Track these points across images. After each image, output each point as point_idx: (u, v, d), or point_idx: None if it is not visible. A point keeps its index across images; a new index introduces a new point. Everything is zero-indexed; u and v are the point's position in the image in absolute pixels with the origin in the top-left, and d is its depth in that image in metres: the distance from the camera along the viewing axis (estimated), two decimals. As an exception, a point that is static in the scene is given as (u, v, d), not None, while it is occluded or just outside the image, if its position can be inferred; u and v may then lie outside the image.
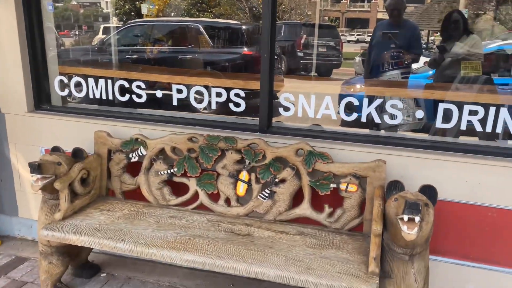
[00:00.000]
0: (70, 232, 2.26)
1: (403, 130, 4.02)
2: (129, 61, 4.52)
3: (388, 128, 3.24)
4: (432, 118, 3.68)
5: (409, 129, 4.14)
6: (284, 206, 2.41)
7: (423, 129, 4.05)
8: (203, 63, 5.13)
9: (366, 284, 1.84)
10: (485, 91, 3.02)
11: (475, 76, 3.72)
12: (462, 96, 2.53)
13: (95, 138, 2.70)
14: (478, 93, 2.84)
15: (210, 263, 2.02)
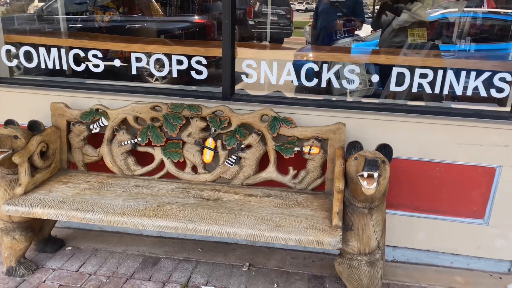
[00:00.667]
0: (34, 206, 2.21)
1: (355, 97, 4.21)
2: (74, 30, 4.29)
3: (340, 95, 3.38)
4: (380, 84, 3.89)
5: (360, 95, 4.34)
6: (251, 170, 2.49)
7: (373, 95, 4.27)
8: (156, 32, 4.98)
9: (331, 237, 1.99)
10: (432, 56, 3.22)
11: (422, 43, 3.94)
12: (414, 61, 2.69)
13: (52, 110, 2.61)
14: (426, 57, 3.02)
15: (183, 227, 2.07)
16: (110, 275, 2.56)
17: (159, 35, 5.02)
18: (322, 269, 2.67)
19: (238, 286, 2.48)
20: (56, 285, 2.46)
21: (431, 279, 2.59)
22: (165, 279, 2.53)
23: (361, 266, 2.12)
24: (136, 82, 2.83)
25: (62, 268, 2.62)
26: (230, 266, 2.67)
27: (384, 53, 3.49)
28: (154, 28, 4.98)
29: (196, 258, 2.75)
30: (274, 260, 2.74)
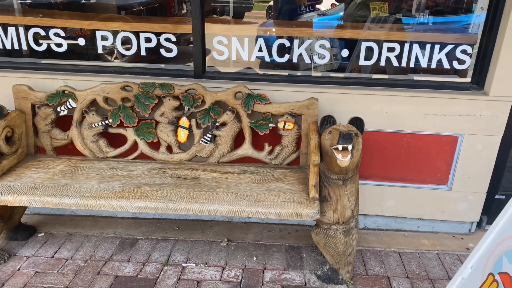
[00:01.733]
0: (4, 193, 2.14)
1: (320, 71, 4.27)
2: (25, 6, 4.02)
3: (304, 70, 3.40)
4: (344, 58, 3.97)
5: (325, 69, 4.41)
6: (226, 148, 2.51)
7: (338, 69, 4.35)
8: (115, 7, 4.76)
9: (309, 208, 2.06)
10: (396, 30, 3.30)
11: (385, 17, 4.03)
12: (381, 35, 2.75)
13: (15, 93, 2.48)
14: (392, 31, 3.10)
15: (163, 207, 2.08)
16: (88, 258, 2.54)
17: (119, 11, 4.80)
18: (298, 240, 2.76)
19: (218, 261, 2.53)
20: (32, 272, 2.41)
21: (400, 243, 2.75)
22: (145, 259, 2.54)
23: (337, 234, 2.22)
24: (103, 62, 2.73)
25: (37, 255, 2.56)
26: (209, 243, 2.71)
27: (351, 28, 3.54)
28: (114, 4, 4.76)
29: (174, 237, 2.77)
30: (251, 234, 2.81)
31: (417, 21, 5.29)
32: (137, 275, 2.41)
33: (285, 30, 3.04)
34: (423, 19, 5.37)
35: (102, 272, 2.43)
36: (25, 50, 2.74)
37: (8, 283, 2.32)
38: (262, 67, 3.73)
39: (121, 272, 2.42)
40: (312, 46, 2.59)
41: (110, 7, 4.72)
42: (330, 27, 5.65)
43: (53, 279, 2.36)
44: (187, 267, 2.48)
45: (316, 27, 5.09)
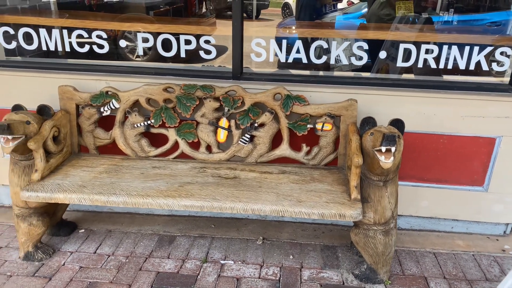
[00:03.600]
0: (55, 191, 2.22)
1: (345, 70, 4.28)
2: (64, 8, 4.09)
3: (324, 69, 3.40)
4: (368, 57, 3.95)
5: (349, 69, 4.41)
6: (265, 148, 2.55)
7: (362, 69, 4.35)
8: (144, 8, 4.85)
9: (352, 209, 2.10)
10: (429, 31, 3.30)
11: (414, 16, 4.02)
12: (418, 37, 2.76)
13: (60, 94, 2.56)
14: (431, 33, 3.10)
15: (208, 205, 2.13)
16: (129, 255, 2.61)
17: (148, 11, 4.89)
18: (333, 239, 2.80)
19: (256, 259, 2.58)
20: (77, 267, 2.49)
21: (434, 243, 2.76)
22: (184, 256, 2.60)
23: (377, 235, 2.25)
24: (144, 63, 2.79)
25: (79, 251, 2.64)
26: (245, 241, 2.76)
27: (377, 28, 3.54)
28: (143, 4, 4.84)
29: (211, 234, 2.83)
30: (286, 233, 2.85)
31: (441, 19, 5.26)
32: (177, 271, 2.47)
33: (321, 32, 3.06)
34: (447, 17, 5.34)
35: (144, 268, 2.50)
36: (60, 51, 2.81)
37: (55, 277, 2.41)
38: (281, 67, 3.76)
39: (162, 269, 2.49)
40: (349, 48, 2.62)
41: (139, 7, 4.81)
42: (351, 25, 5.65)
43: (97, 274, 2.44)
44: (225, 264, 2.54)
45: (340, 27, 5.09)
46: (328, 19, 5.35)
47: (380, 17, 4.31)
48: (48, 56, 2.89)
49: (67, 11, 3.77)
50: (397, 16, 4.00)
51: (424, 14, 5.04)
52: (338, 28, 4.28)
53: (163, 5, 5.40)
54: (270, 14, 11.22)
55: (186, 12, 6.21)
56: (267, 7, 11.75)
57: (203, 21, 6.39)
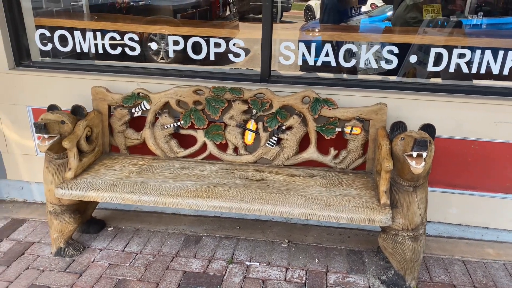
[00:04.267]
0: (88, 189, 2.28)
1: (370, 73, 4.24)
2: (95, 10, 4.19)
3: (349, 73, 3.36)
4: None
5: (375, 72, 4.37)
6: (292, 151, 2.56)
7: (387, 72, 4.30)
8: (172, 11, 4.93)
9: (381, 215, 2.08)
10: (459, 35, 3.24)
11: (443, 19, 3.95)
12: (451, 41, 2.72)
13: (93, 94, 2.63)
14: (464, 37, 3.05)
15: (237, 207, 2.15)
16: (156, 253, 2.66)
17: (175, 14, 4.97)
18: (358, 244, 2.78)
19: (281, 262, 2.59)
20: (106, 264, 2.55)
21: (463, 251, 2.71)
22: (210, 256, 2.63)
23: (406, 241, 2.22)
24: (174, 65, 2.84)
25: (108, 248, 2.70)
26: (270, 243, 2.77)
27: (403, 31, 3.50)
28: (170, 7, 4.93)
29: (236, 235, 2.85)
30: (311, 237, 2.85)
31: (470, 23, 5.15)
32: (204, 271, 2.50)
33: (351, 35, 3.06)
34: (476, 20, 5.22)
35: (171, 267, 2.53)
36: (92, 53, 2.89)
37: (85, 273, 2.47)
38: (304, 70, 3.75)
39: (188, 268, 2.52)
40: (379, 51, 2.60)
41: (167, 10, 4.89)
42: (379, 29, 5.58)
43: (126, 271, 2.49)
44: (251, 266, 2.55)
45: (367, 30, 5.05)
46: (353, 22, 5.32)
47: (406, 21, 4.26)
48: (80, 57, 2.98)
49: (98, 14, 3.87)
50: (424, 19, 3.94)
51: (453, 18, 4.96)
52: (365, 31, 4.24)
53: (189, 8, 5.47)
54: (292, 17, 11.20)
55: (211, 15, 6.28)
56: (289, 9, 11.74)
57: (227, 23, 6.44)
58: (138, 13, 4.69)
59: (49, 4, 3.46)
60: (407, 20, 4.26)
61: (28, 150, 3.00)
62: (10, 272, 2.47)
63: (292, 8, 11.88)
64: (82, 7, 3.61)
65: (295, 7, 12.20)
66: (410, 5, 4.11)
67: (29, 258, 2.59)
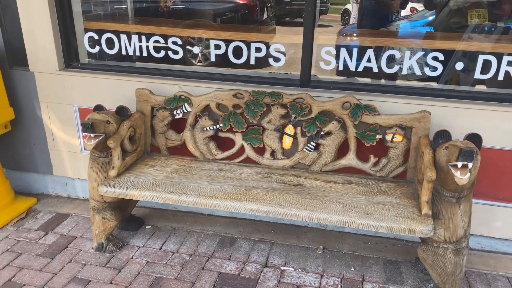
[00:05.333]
0: (130, 188, 2.35)
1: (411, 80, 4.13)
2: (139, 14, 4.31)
3: (388, 78, 3.28)
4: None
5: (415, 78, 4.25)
6: (330, 157, 2.54)
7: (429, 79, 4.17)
8: (212, 15, 5.01)
9: (423, 225, 2.03)
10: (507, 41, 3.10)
11: (491, 25, 3.80)
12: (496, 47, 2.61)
13: (137, 96, 2.72)
14: (501, 42, 2.92)
15: (274, 211, 2.16)
16: (192, 253, 2.70)
17: (215, 18, 5.04)
18: (396, 254, 2.71)
19: (316, 268, 2.57)
20: (144, 262, 2.62)
21: (508, 267, 2.59)
22: (245, 259, 2.64)
23: (447, 253, 2.15)
24: (215, 69, 2.89)
25: (146, 246, 2.77)
26: (305, 249, 2.76)
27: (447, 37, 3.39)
28: (211, 12, 5.01)
29: (270, 239, 2.85)
30: (346, 244, 2.81)
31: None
32: (238, 273, 2.52)
33: (393, 41, 3.00)
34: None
35: (206, 267, 2.57)
36: (135, 55, 2.98)
37: (124, 269, 2.55)
38: (340, 74, 3.70)
39: (223, 269, 2.55)
40: (424, 57, 2.54)
41: (208, 14, 4.97)
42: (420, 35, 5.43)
43: (162, 269, 2.54)
44: (285, 270, 2.55)
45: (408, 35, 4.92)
46: (394, 27, 5.21)
47: (449, 26, 4.13)
48: (123, 60, 3.09)
49: (142, 17, 3.98)
50: (469, 25, 3.81)
51: (500, 23, 4.76)
52: (406, 36, 4.14)
53: (229, 12, 5.54)
54: (328, 20, 11.09)
55: (249, 19, 6.32)
56: (326, 13, 11.63)
57: (264, 28, 6.47)
58: (180, 17, 4.79)
59: (96, 8, 3.60)
60: (450, 26, 4.13)
61: (74, 148, 3.14)
62: (54, 264, 2.58)
63: (328, 12, 11.79)
64: (127, 11, 3.73)
65: (332, 10, 12.09)
66: (454, 10, 3.98)
67: (72, 252, 2.70)
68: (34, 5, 2.78)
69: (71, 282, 2.43)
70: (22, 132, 3.17)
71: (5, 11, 2.85)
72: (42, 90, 3.03)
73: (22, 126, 3.15)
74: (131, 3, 3.78)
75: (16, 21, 2.85)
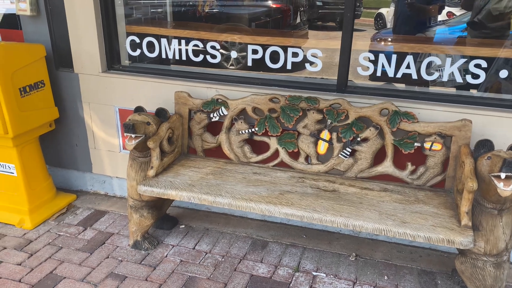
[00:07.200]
0: (168, 188, 2.41)
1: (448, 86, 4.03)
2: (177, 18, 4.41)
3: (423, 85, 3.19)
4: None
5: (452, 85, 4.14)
6: (366, 164, 2.52)
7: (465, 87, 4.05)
8: (247, 19, 5.06)
9: (462, 237, 1.98)
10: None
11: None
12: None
13: (176, 99, 2.79)
14: None
15: (308, 216, 2.16)
16: (224, 254, 2.74)
17: (250, 22, 5.09)
18: (431, 264, 2.66)
19: (348, 275, 2.55)
20: (178, 260, 2.67)
21: (551, 284, 2.49)
22: (276, 263, 2.66)
23: (486, 266, 2.09)
24: (252, 73, 2.93)
25: (180, 245, 2.83)
26: (337, 255, 2.74)
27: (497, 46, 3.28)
28: (246, 16, 5.07)
29: (302, 244, 2.85)
30: (379, 252, 2.77)
31: None
32: (270, 277, 2.53)
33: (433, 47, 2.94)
34: None
35: (238, 269, 2.60)
36: (172, 59, 3.05)
37: (159, 267, 2.61)
38: (374, 80, 3.64)
39: (255, 272, 2.57)
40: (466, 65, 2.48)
41: (243, 18, 5.03)
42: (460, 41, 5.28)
43: (196, 269, 2.59)
44: (317, 276, 2.54)
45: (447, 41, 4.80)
46: (431, 32, 5.10)
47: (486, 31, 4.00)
48: (161, 63, 3.17)
49: (181, 21, 4.07)
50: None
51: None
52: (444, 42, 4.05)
53: (263, 16, 5.58)
54: (361, 24, 10.96)
55: (283, 23, 6.34)
56: (359, 17, 11.50)
57: (297, 32, 6.47)
58: (217, 21, 4.87)
59: (137, 12, 3.72)
60: (487, 31, 4.01)
61: (113, 147, 3.24)
62: (92, 259, 2.68)
63: (362, 16, 11.65)
64: (166, 15, 3.83)
65: (365, 14, 11.94)
66: (495, 15, 3.87)
67: (109, 248, 2.79)
68: (81, 9, 2.90)
69: (108, 277, 2.51)
70: (65, 130, 3.31)
71: (53, 15, 2.99)
72: (85, 91, 3.15)
73: (65, 125, 3.29)
74: (170, 7, 3.89)
75: (64, 25, 2.99)
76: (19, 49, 2.78)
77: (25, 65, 2.79)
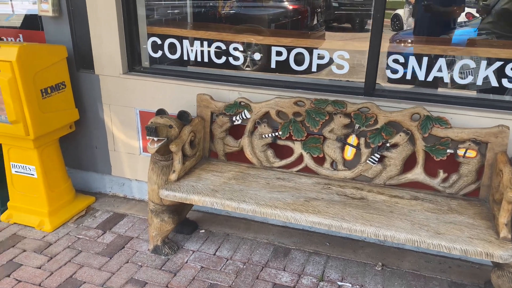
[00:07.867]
0: (190, 192, 2.35)
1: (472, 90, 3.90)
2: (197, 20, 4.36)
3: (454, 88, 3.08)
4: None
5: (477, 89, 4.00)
6: (395, 170, 2.42)
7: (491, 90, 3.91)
8: (267, 21, 4.99)
9: (501, 250, 1.87)
10: None
11: None
12: None
13: (198, 101, 2.73)
14: None
15: (337, 225, 2.08)
16: (246, 261, 2.66)
17: (270, 23, 5.02)
18: (461, 276, 2.54)
19: (375, 286, 2.45)
20: (198, 267, 2.61)
21: None
22: (300, 271, 2.57)
23: (526, 282, 1.98)
24: (276, 76, 2.85)
25: (200, 250, 2.77)
26: (363, 264, 2.65)
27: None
28: (266, 17, 5.00)
29: (326, 252, 2.76)
30: (407, 262, 2.67)
31: None
32: (294, 286, 2.45)
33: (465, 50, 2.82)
34: None
35: (261, 277, 2.52)
36: (192, 60, 3.00)
37: (179, 273, 2.55)
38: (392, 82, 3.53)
39: (278, 280, 2.49)
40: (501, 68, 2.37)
41: (263, 20, 4.96)
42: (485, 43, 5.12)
43: (217, 276, 2.53)
44: (343, 286, 2.45)
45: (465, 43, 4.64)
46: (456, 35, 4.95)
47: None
48: (182, 65, 3.12)
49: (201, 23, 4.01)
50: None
51: None
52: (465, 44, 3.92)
53: (282, 17, 5.51)
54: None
55: (300, 24, 6.26)
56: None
57: (314, 33, 6.38)
58: (237, 22, 4.81)
59: (157, 13, 3.68)
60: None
61: (133, 150, 3.20)
62: (112, 264, 2.63)
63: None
64: (186, 16, 3.78)
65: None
66: None
67: (128, 252, 2.75)
68: (103, 10, 2.87)
69: (128, 283, 2.46)
70: (85, 132, 3.28)
71: (75, 16, 2.96)
72: (106, 93, 3.12)
73: (85, 127, 3.26)
74: (190, 8, 3.84)
75: (85, 26, 2.96)
76: (41, 50, 2.76)
77: (47, 66, 2.76)
